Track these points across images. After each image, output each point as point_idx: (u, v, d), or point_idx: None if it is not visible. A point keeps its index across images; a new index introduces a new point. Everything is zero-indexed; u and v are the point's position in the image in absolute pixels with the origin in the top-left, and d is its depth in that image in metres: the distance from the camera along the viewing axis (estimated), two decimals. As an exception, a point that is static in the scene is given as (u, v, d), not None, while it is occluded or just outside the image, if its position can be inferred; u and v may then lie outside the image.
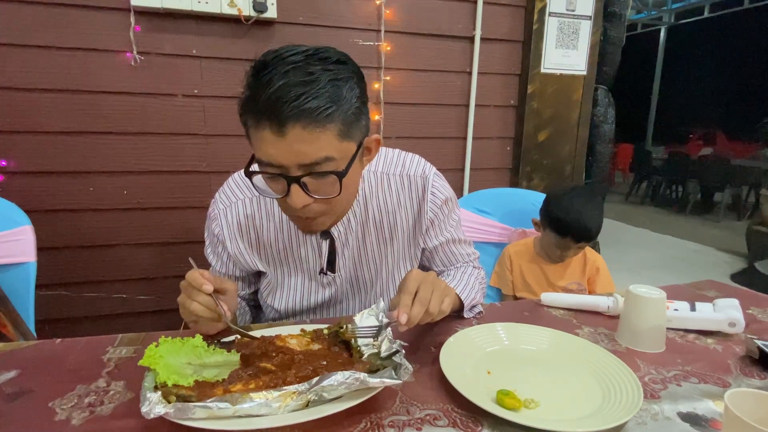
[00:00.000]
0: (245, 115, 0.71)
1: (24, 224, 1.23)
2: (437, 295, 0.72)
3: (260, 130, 0.68)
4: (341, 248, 0.94)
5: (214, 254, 0.98)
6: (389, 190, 0.94)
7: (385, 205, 0.94)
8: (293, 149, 0.67)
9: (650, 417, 0.63)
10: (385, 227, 0.96)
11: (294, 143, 0.67)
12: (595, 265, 1.44)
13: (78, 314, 1.78)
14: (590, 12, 2.11)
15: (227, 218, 0.93)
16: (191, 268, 0.76)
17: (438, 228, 0.99)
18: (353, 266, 0.98)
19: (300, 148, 0.67)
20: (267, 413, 0.57)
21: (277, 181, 0.72)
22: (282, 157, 0.68)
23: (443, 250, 1.02)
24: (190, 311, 0.72)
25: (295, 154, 0.68)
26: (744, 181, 6.31)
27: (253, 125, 0.70)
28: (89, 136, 1.67)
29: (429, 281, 0.73)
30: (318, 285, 0.98)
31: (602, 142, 2.67)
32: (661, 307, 0.84)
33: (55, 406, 0.62)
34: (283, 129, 0.66)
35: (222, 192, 0.95)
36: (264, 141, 0.68)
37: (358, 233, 0.94)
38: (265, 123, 0.67)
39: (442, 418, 0.61)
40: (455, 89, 2.06)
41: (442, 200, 0.96)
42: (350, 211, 0.91)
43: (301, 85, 0.65)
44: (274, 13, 1.71)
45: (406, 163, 0.96)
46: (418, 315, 0.69)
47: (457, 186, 2.15)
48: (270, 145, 0.68)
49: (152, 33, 1.66)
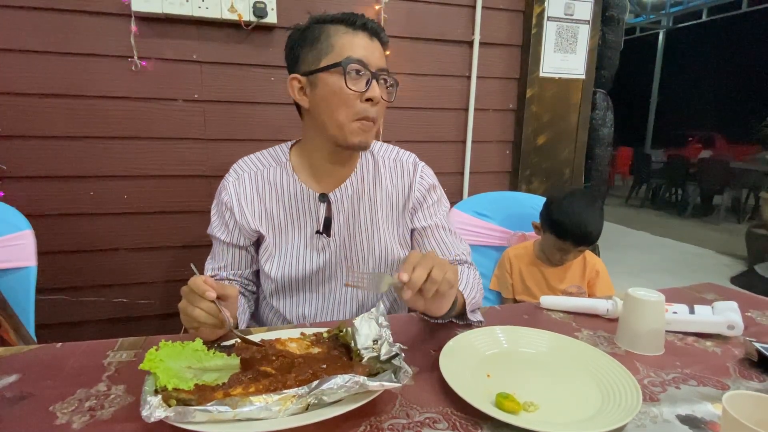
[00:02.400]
0: (336, 26, 0.91)
1: (24, 229, 1.23)
2: (439, 266, 0.71)
3: (358, 35, 0.91)
4: (337, 213, 1.03)
5: (221, 224, 1.04)
6: (383, 169, 1.07)
7: (379, 181, 1.06)
8: (377, 54, 0.92)
9: (649, 420, 0.63)
10: (377, 201, 1.05)
11: (377, 50, 0.93)
12: (594, 269, 1.44)
13: (78, 318, 1.78)
14: (588, 16, 2.12)
15: (236, 188, 1.03)
16: (191, 272, 0.76)
17: (427, 211, 1.08)
18: (347, 233, 1.04)
19: (380, 55, 0.93)
20: (267, 417, 0.57)
21: (359, 80, 0.90)
22: (372, 56, 0.91)
23: (434, 235, 1.07)
24: (193, 318, 0.73)
25: (378, 58, 0.92)
26: (743, 183, 6.32)
27: (346, 33, 0.90)
28: (90, 141, 1.68)
29: (430, 256, 0.72)
30: (313, 249, 1.03)
31: (601, 146, 2.68)
32: (660, 310, 0.84)
33: (55, 410, 0.62)
34: (374, 36, 0.93)
35: (232, 169, 1.06)
36: (359, 43, 0.90)
37: (354, 201, 1.03)
38: (363, 31, 0.91)
39: (442, 422, 0.61)
40: (454, 93, 2.07)
41: (430, 184, 1.08)
42: (348, 180, 1.03)
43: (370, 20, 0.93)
44: (274, 19, 1.71)
45: (399, 152, 1.10)
46: (420, 277, 0.68)
47: (457, 189, 2.15)
48: (365, 47, 0.90)
49: (153, 38, 1.67)
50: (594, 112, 2.52)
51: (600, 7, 2.15)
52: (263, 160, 1.05)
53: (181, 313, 0.75)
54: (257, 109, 1.82)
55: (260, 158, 1.06)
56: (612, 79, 2.67)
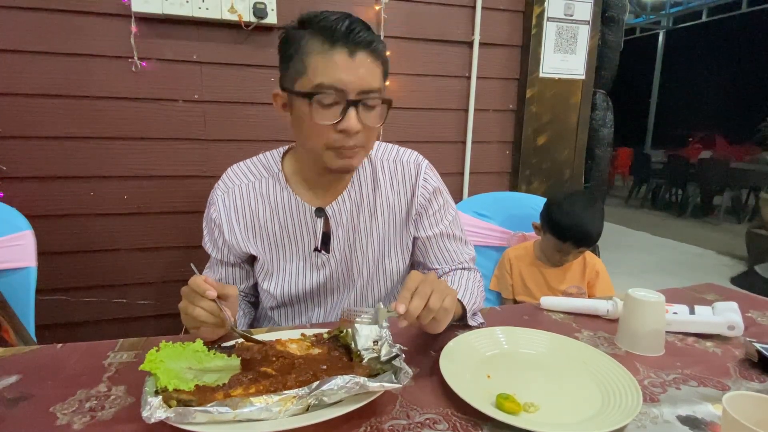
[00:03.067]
0: (312, 43, 0.78)
1: (24, 229, 1.23)
2: (437, 292, 0.72)
3: (334, 53, 0.77)
4: (335, 227, 0.96)
5: (210, 241, 1.01)
6: (383, 174, 0.99)
7: (379, 188, 0.98)
8: (359, 73, 0.78)
9: (650, 420, 0.63)
10: (378, 211, 0.99)
11: (360, 68, 0.78)
12: (594, 269, 1.44)
13: (78, 319, 1.78)
14: (588, 17, 2.12)
15: (225, 203, 0.97)
16: (191, 273, 0.76)
17: (432, 218, 1.01)
18: (347, 248, 0.99)
19: (363, 74, 0.78)
20: (267, 418, 0.57)
21: (332, 109, 0.79)
22: (348, 79, 0.77)
23: (437, 244, 1.02)
24: (194, 317, 0.73)
25: (359, 78, 0.78)
26: (743, 184, 6.31)
27: (322, 51, 0.77)
28: (90, 141, 1.68)
29: (429, 280, 0.72)
30: (313, 267, 0.99)
31: (601, 146, 2.68)
32: (661, 310, 0.84)
33: (56, 411, 0.62)
34: (354, 54, 0.77)
35: (221, 180, 0.99)
36: (334, 64, 0.77)
37: (353, 213, 0.97)
38: (341, 47, 0.77)
39: (442, 422, 0.61)
40: (454, 94, 2.07)
41: (434, 187, 1.00)
42: (345, 192, 0.96)
43: (360, 24, 0.79)
44: (274, 19, 1.72)
45: (400, 152, 1.02)
46: (418, 308, 0.68)
47: (457, 190, 2.16)
48: (340, 68, 0.77)
49: (153, 39, 1.67)
50: (594, 112, 2.52)
51: (600, 7, 2.16)
52: (254, 170, 0.98)
53: (181, 313, 0.75)
54: (257, 109, 1.82)
55: (251, 168, 0.98)
56: (612, 79, 2.67)
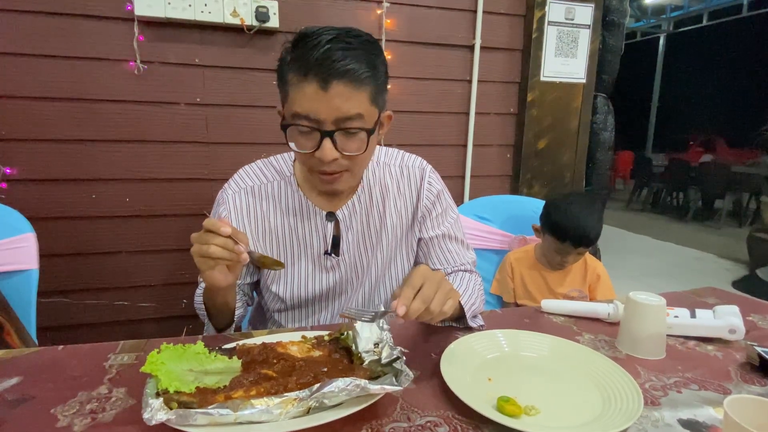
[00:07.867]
0: (290, 72, 0.78)
1: (26, 231, 1.23)
2: (441, 294, 0.71)
3: (305, 85, 0.76)
4: (345, 231, 0.98)
5: None
6: (390, 178, 1.01)
7: (387, 192, 1.01)
8: (333, 104, 0.76)
9: (650, 424, 0.63)
10: (386, 214, 1.01)
11: (334, 98, 0.75)
12: (595, 272, 1.44)
13: (80, 321, 1.78)
14: (589, 21, 2.13)
15: (235, 203, 0.97)
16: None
17: (435, 220, 1.04)
18: (357, 251, 1.00)
19: (339, 103, 0.76)
20: (268, 420, 0.57)
21: (310, 137, 0.79)
22: (321, 110, 0.76)
23: (439, 245, 1.04)
24: (208, 255, 0.71)
25: (334, 108, 0.76)
26: (744, 187, 6.30)
27: (296, 82, 0.77)
28: (92, 144, 1.69)
29: (435, 280, 0.71)
30: (322, 269, 1.00)
31: (602, 150, 2.68)
32: (662, 314, 0.84)
33: (57, 412, 0.62)
34: (328, 85, 0.75)
35: (232, 180, 1.00)
36: (306, 95, 0.76)
37: (362, 217, 0.99)
38: (312, 78, 0.75)
39: (443, 425, 0.61)
40: (455, 97, 2.07)
41: (438, 191, 1.04)
42: (355, 195, 0.98)
43: (343, 50, 0.75)
44: (276, 23, 1.72)
45: (405, 157, 1.05)
46: (418, 311, 0.67)
47: (458, 193, 2.16)
48: (312, 99, 0.76)
49: (155, 42, 1.68)
50: (595, 116, 2.52)
51: (600, 11, 2.16)
52: (266, 172, 0.99)
53: (194, 257, 0.73)
54: (259, 113, 1.82)
55: (263, 170, 0.99)
56: (613, 83, 2.67)
